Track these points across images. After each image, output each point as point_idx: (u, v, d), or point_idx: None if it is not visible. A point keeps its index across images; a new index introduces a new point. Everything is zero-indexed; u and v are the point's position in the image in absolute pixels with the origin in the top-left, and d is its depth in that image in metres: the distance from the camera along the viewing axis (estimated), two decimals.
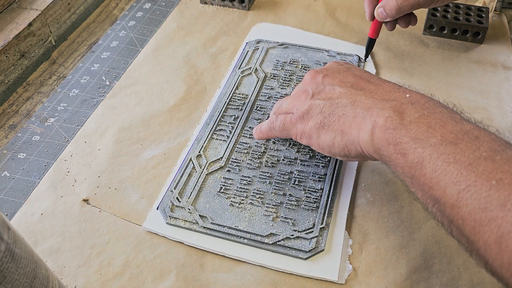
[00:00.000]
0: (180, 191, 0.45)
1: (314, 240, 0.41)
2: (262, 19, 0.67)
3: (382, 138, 0.33)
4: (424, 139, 0.31)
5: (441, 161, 0.29)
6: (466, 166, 0.28)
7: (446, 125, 0.31)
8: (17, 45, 0.57)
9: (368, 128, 0.35)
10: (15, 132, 0.53)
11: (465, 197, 0.27)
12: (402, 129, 0.32)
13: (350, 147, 0.37)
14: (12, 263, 0.27)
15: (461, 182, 0.28)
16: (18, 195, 0.45)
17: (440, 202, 0.29)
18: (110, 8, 0.72)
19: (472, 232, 0.27)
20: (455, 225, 0.28)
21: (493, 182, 0.26)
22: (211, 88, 0.57)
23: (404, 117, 0.33)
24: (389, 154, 0.33)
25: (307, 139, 0.41)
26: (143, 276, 0.40)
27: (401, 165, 0.32)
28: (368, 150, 0.36)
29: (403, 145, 0.32)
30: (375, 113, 0.35)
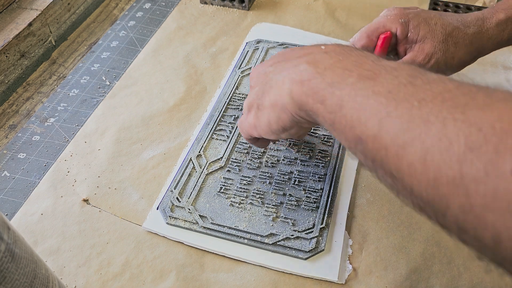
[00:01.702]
0: (180, 191, 0.45)
1: (314, 240, 0.41)
2: (262, 19, 0.67)
3: (300, 93, 0.32)
4: (341, 81, 0.29)
5: (360, 97, 0.28)
6: (386, 95, 0.27)
7: (363, 65, 0.30)
8: (17, 45, 0.57)
9: (287, 88, 0.34)
10: (15, 132, 0.53)
11: (386, 124, 0.26)
12: (317, 78, 0.31)
13: (283, 117, 0.36)
14: (12, 263, 0.27)
15: (381, 111, 0.26)
16: (18, 195, 0.45)
17: (362, 140, 0.27)
18: (110, 8, 0.72)
19: (396, 159, 0.25)
20: (378, 161, 0.27)
21: (415, 103, 0.25)
22: (211, 88, 0.57)
23: (318, 66, 0.32)
24: (310, 108, 0.32)
25: (256, 130, 0.39)
26: (143, 276, 0.40)
27: (322, 114, 0.31)
28: (295, 111, 0.34)
29: (321, 92, 0.31)
30: (291, 71, 0.34)
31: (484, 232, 0.21)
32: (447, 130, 0.23)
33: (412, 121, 0.25)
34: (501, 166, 0.20)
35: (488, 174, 0.20)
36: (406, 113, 0.25)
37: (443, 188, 0.22)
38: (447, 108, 0.24)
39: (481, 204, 0.21)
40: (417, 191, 0.24)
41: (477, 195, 0.21)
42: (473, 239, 0.22)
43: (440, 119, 0.23)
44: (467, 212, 0.21)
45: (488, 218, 0.20)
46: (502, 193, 0.20)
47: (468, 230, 0.22)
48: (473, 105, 0.23)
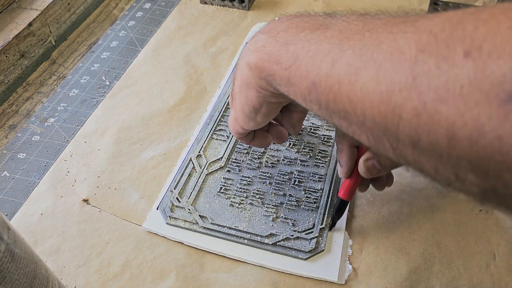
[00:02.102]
0: (180, 191, 0.45)
1: (314, 240, 0.41)
2: (262, 19, 0.67)
3: (257, 59, 0.32)
4: (294, 38, 0.30)
5: (313, 45, 0.28)
6: (337, 35, 0.27)
7: (315, 21, 0.30)
8: (17, 45, 0.57)
9: (246, 60, 0.34)
10: (15, 132, 0.53)
11: (339, 58, 0.26)
12: (271, 42, 0.31)
13: (249, 94, 0.36)
14: (12, 263, 0.27)
15: (334, 49, 0.26)
16: (18, 195, 0.45)
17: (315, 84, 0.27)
18: (110, 8, 0.72)
19: (349, 87, 0.25)
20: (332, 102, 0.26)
21: (366, 33, 0.25)
22: (211, 88, 0.57)
23: (271, 32, 0.32)
24: (268, 72, 0.32)
25: (237, 122, 0.39)
26: (143, 276, 0.40)
27: (278, 74, 0.30)
28: (256, 82, 0.34)
29: (275, 53, 0.31)
30: (248, 45, 0.34)
31: (438, 130, 0.20)
32: (398, 43, 0.23)
33: (364, 47, 0.25)
34: (452, 55, 0.20)
35: (440, 67, 0.20)
36: (358, 42, 0.25)
37: (396, 98, 0.22)
38: (397, 26, 0.24)
39: (434, 98, 0.20)
40: (369, 116, 0.24)
41: (429, 91, 0.21)
42: (427, 152, 0.22)
43: (391, 36, 0.23)
44: (420, 113, 0.21)
45: (441, 111, 0.20)
46: (454, 80, 0.20)
47: (421, 138, 0.21)
48: (421, 19, 0.23)
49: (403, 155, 0.23)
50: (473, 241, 0.42)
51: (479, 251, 0.41)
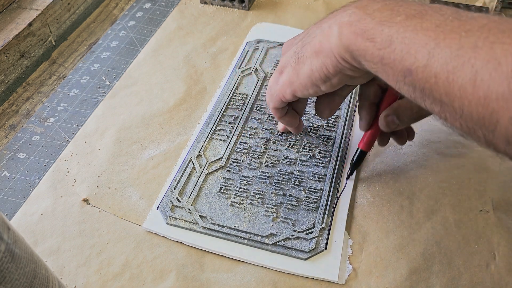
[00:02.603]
0: (180, 191, 0.45)
1: (314, 240, 0.41)
2: (262, 19, 0.67)
3: (349, 32, 0.33)
4: (389, 20, 0.31)
5: (409, 33, 0.30)
6: (434, 29, 0.28)
7: (409, 6, 0.32)
8: (17, 45, 0.57)
9: (335, 31, 0.35)
10: (15, 132, 0.53)
11: (436, 53, 0.28)
12: (366, 18, 0.33)
13: (327, 62, 0.37)
14: (12, 263, 0.27)
15: (430, 43, 0.28)
16: (18, 195, 0.45)
17: (411, 71, 0.29)
18: (110, 8, 0.72)
19: (446, 84, 0.27)
20: (427, 90, 0.28)
21: (463, 33, 0.27)
22: (211, 88, 0.57)
23: (366, 9, 0.33)
24: (358, 47, 0.33)
25: (289, 86, 0.40)
26: (143, 276, 0.40)
27: (371, 51, 0.32)
28: (340, 53, 0.35)
29: (370, 31, 0.32)
30: (339, 16, 0.35)
31: None
32: (495, 53, 0.25)
33: (461, 48, 0.26)
34: None
35: None
36: (455, 42, 0.27)
37: (493, 104, 0.24)
38: (494, 34, 0.25)
39: None
40: (467, 112, 0.26)
41: None
42: None
43: (488, 44, 0.25)
44: None
45: None
46: None
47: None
48: None
49: (495, 147, 0.26)
50: (473, 241, 0.42)
51: (479, 251, 0.41)
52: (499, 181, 0.46)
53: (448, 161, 0.48)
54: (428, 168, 0.47)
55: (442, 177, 0.47)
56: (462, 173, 0.47)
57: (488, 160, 0.48)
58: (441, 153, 0.49)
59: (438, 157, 0.48)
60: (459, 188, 0.46)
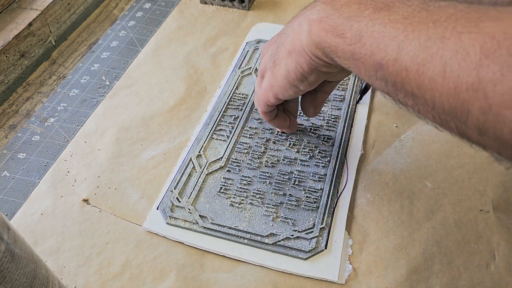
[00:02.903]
0: (180, 191, 0.45)
1: (314, 240, 0.41)
2: (262, 19, 0.67)
3: (319, 29, 0.33)
4: (358, 15, 0.31)
5: (377, 26, 0.29)
6: (402, 21, 0.28)
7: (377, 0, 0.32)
8: (17, 45, 0.57)
9: (305, 28, 0.35)
10: (15, 132, 0.53)
11: (405, 46, 0.27)
12: (335, 14, 0.32)
13: (301, 61, 0.37)
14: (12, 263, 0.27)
15: (399, 35, 0.28)
16: (18, 195, 0.45)
17: (382, 65, 0.29)
18: (110, 8, 0.72)
19: (417, 77, 0.27)
20: (399, 83, 0.28)
21: (430, 24, 0.27)
22: (211, 88, 0.57)
23: (334, 4, 0.33)
24: (329, 43, 0.33)
25: (270, 89, 0.40)
26: (143, 276, 0.40)
27: (341, 47, 0.32)
28: (312, 50, 0.35)
29: (339, 27, 0.32)
30: (308, 13, 0.35)
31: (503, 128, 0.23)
32: (462, 43, 0.24)
33: (429, 40, 0.26)
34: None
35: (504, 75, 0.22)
36: (423, 34, 0.27)
37: (463, 95, 0.24)
38: (461, 24, 0.25)
39: (499, 102, 0.22)
40: (439, 104, 0.26)
41: (495, 95, 0.23)
42: (492, 139, 0.24)
43: (455, 34, 0.25)
44: (487, 112, 0.23)
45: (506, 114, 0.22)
46: None
47: (487, 130, 0.24)
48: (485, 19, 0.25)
49: (468, 137, 0.26)
50: (473, 241, 0.42)
51: (479, 251, 0.41)
52: (499, 181, 0.46)
53: (448, 161, 0.48)
54: (428, 168, 0.47)
55: (442, 177, 0.47)
56: (462, 173, 0.47)
57: (488, 160, 0.48)
58: (441, 153, 0.49)
59: (438, 157, 0.48)
60: (459, 188, 0.46)
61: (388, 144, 0.50)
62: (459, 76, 0.24)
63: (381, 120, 0.53)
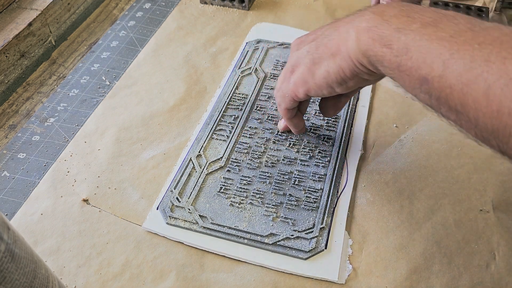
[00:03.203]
0: (180, 191, 0.45)
1: (314, 240, 0.41)
2: (262, 19, 0.67)
3: (367, 38, 0.34)
4: (406, 27, 0.32)
5: (424, 41, 0.30)
6: (448, 39, 0.29)
7: (425, 13, 0.33)
8: (17, 45, 0.57)
9: (353, 35, 0.36)
10: (15, 132, 0.53)
11: (450, 64, 0.28)
12: (383, 24, 0.33)
13: (343, 65, 0.37)
14: (12, 263, 0.27)
15: (445, 53, 0.29)
16: (18, 195, 0.45)
17: (427, 80, 0.30)
18: (110, 8, 0.72)
19: (461, 96, 0.28)
20: (443, 99, 0.29)
21: (476, 45, 0.28)
22: (211, 88, 0.57)
23: (383, 15, 0.34)
24: (375, 52, 0.34)
25: (303, 85, 0.41)
26: (143, 276, 0.40)
27: (388, 58, 0.33)
28: (358, 58, 0.36)
29: (387, 37, 0.33)
30: (356, 21, 0.36)
31: None
32: (506, 68, 0.25)
33: (474, 61, 0.27)
34: None
35: None
36: (468, 54, 0.28)
37: (505, 118, 0.25)
38: (506, 49, 0.26)
39: None
40: (482, 123, 0.27)
41: None
42: None
43: (500, 58, 0.26)
44: None
45: None
46: None
47: None
48: None
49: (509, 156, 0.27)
50: (473, 241, 0.42)
51: (479, 251, 0.41)
52: (499, 181, 0.46)
53: (448, 161, 0.48)
54: (428, 168, 0.47)
55: (442, 177, 0.47)
56: (462, 173, 0.47)
57: (488, 160, 0.48)
58: (441, 153, 0.49)
59: (438, 157, 0.48)
60: (459, 188, 0.46)
61: (388, 144, 0.50)
62: (502, 101, 0.25)
63: (381, 120, 0.53)
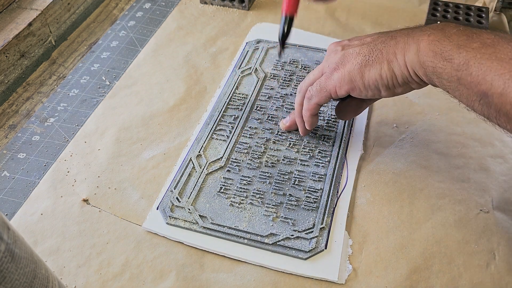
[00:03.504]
0: (180, 191, 0.45)
1: (314, 240, 0.41)
2: (262, 19, 0.67)
3: (428, 50, 0.37)
4: (466, 45, 0.35)
5: (485, 60, 0.33)
6: (508, 61, 0.33)
7: (482, 34, 0.36)
8: (17, 45, 0.57)
9: (414, 47, 0.38)
10: (15, 132, 0.53)
11: (511, 84, 0.32)
12: (445, 40, 0.36)
13: (397, 72, 0.39)
14: (12, 263, 0.27)
15: (505, 74, 0.32)
16: (18, 195, 0.45)
17: (487, 95, 0.33)
18: (110, 8, 0.72)
19: None
20: (503, 112, 0.33)
21: None
22: (211, 88, 0.57)
23: (444, 31, 0.37)
24: (435, 64, 0.36)
25: (348, 83, 0.42)
26: (143, 276, 0.39)
27: (447, 71, 0.36)
28: (414, 68, 0.38)
29: (448, 52, 0.36)
30: (417, 34, 0.39)
31: None
32: None
33: None
34: None
35: None
36: None
37: None
38: None
39: None
40: None
41: None
42: None
43: None
44: None
45: None
46: None
47: None
48: None
49: None
50: (473, 241, 0.42)
51: (479, 251, 0.41)
52: (499, 181, 0.46)
53: (448, 161, 0.48)
54: (428, 168, 0.47)
55: (442, 177, 0.47)
56: (462, 173, 0.47)
57: (488, 160, 0.48)
58: (441, 153, 0.49)
59: (438, 157, 0.48)
60: (459, 188, 0.46)
61: (388, 144, 0.50)
62: None
63: (381, 120, 0.52)
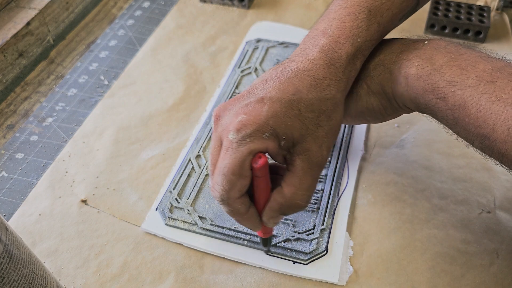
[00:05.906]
0: (179, 191, 0.45)
1: (315, 241, 0.41)
2: (262, 17, 0.67)
3: (417, 87, 0.33)
4: (461, 81, 0.31)
5: (484, 101, 0.30)
6: (511, 103, 0.29)
7: (477, 64, 0.32)
8: (15, 44, 0.57)
9: (402, 81, 0.35)
10: (13, 132, 0.52)
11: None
12: (436, 75, 0.32)
13: (386, 105, 0.37)
14: (10, 264, 0.27)
15: (508, 119, 0.29)
16: (16, 196, 0.45)
17: (490, 139, 0.30)
18: (108, 7, 0.71)
19: None
20: (508, 157, 0.30)
21: None
22: (210, 87, 0.56)
23: (433, 62, 0.33)
24: (426, 102, 0.33)
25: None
26: (142, 278, 0.39)
27: (441, 109, 0.32)
28: (405, 103, 0.36)
29: (441, 89, 0.32)
30: (403, 66, 0.35)
31: None
32: None
33: None
34: None
35: None
36: None
37: None
38: None
39: None
40: None
41: None
42: None
43: None
44: None
45: None
46: None
47: None
48: None
49: None
50: (476, 240, 0.41)
51: (482, 251, 0.41)
52: (501, 181, 0.46)
53: (450, 161, 0.48)
54: (429, 168, 0.47)
55: (444, 177, 0.46)
56: (464, 173, 0.47)
57: (490, 160, 0.48)
58: (443, 153, 0.49)
59: (439, 157, 0.48)
60: (461, 188, 0.45)
61: (390, 144, 0.50)
62: None
63: None
